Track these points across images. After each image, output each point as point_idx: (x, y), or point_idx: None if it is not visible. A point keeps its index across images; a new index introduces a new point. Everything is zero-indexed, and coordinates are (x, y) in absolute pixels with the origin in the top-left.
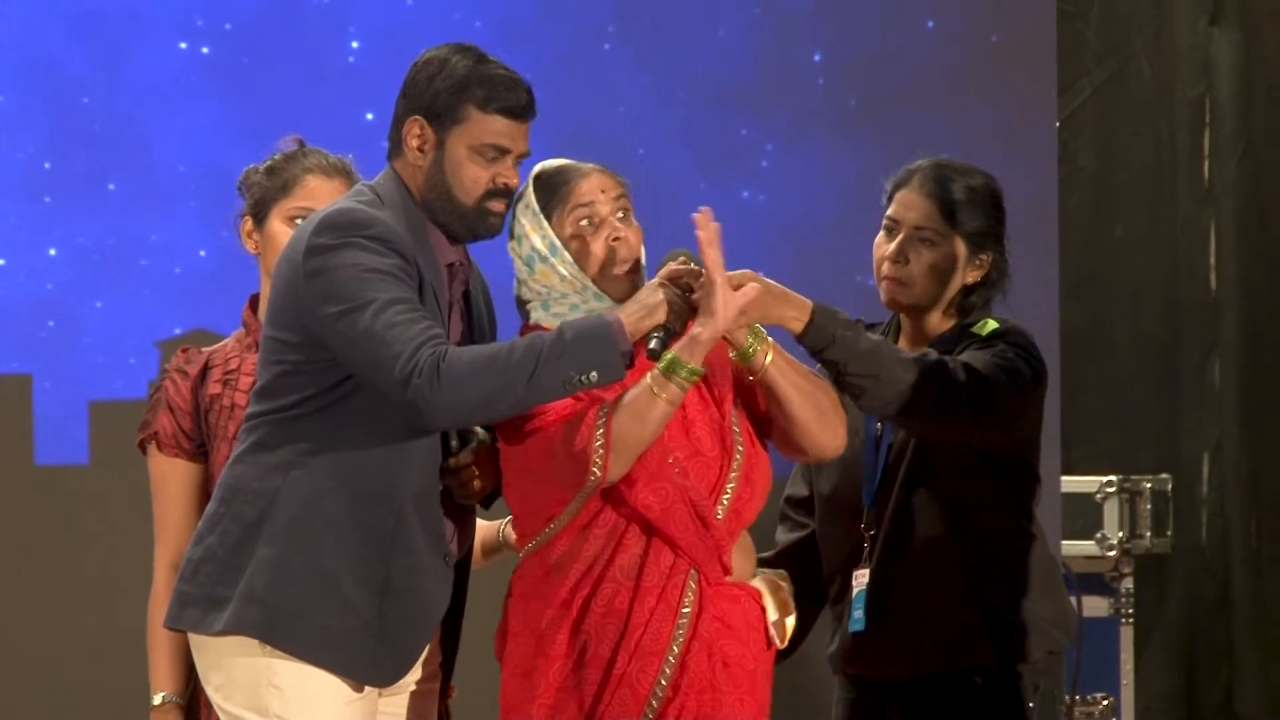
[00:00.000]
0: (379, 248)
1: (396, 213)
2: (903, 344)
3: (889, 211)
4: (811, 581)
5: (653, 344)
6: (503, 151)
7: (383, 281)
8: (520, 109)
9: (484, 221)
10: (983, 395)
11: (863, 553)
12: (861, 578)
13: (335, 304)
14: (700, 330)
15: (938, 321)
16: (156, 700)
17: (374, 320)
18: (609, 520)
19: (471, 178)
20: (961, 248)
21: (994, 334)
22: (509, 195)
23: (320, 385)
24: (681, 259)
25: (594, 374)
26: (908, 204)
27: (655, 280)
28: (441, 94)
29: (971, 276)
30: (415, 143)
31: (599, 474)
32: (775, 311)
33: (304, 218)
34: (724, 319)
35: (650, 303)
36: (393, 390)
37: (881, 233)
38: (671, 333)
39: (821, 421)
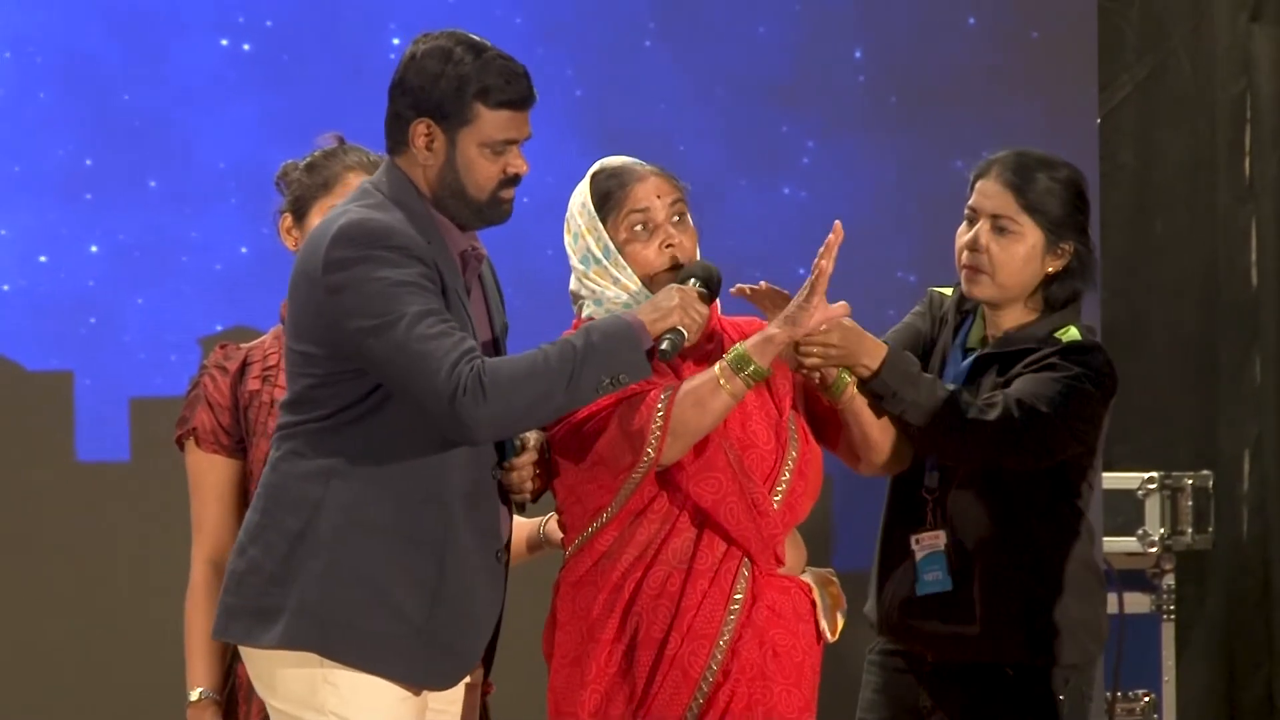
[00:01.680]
0: (399, 258)
1: (406, 210)
2: (986, 331)
3: (970, 201)
4: None
5: (665, 345)
6: (510, 142)
7: (408, 294)
8: (523, 100)
9: (497, 210)
10: (1031, 438)
11: (925, 517)
12: (932, 539)
13: (363, 320)
14: (777, 332)
15: (1020, 313)
16: (194, 696)
17: (406, 336)
18: (662, 507)
19: (484, 173)
20: (1041, 237)
21: (1072, 346)
22: (518, 182)
23: (353, 396)
24: (693, 282)
25: (623, 375)
26: (986, 193)
27: (673, 285)
28: (448, 95)
29: (1052, 266)
30: (423, 142)
31: (653, 454)
32: (855, 357)
33: None
34: (804, 329)
35: (667, 306)
36: (435, 406)
37: (963, 223)
38: (684, 336)
39: (891, 449)
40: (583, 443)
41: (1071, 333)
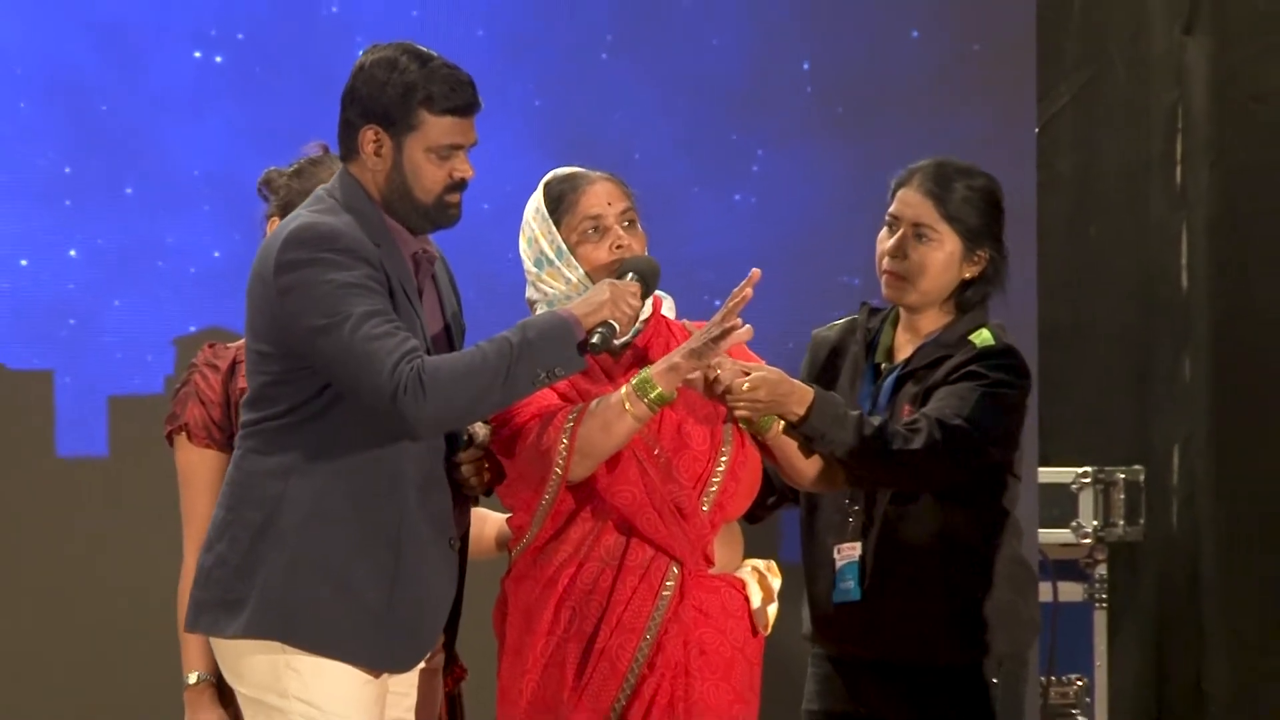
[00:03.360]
0: (347, 260)
1: (357, 215)
2: (901, 337)
3: (890, 209)
4: None
5: (595, 339)
6: (456, 147)
7: (355, 295)
8: (468, 106)
9: (444, 213)
10: (957, 458)
11: (848, 526)
12: (850, 550)
13: (312, 320)
14: (681, 362)
15: (935, 317)
16: (191, 679)
17: (352, 336)
18: (594, 508)
19: (430, 178)
20: (959, 245)
21: (987, 350)
22: (465, 187)
23: (307, 393)
24: (630, 276)
25: (558, 369)
26: (908, 201)
27: (607, 279)
28: (394, 102)
29: (969, 272)
30: (372, 149)
31: (560, 472)
32: (783, 406)
33: None
34: (708, 361)
35: (598, 300)
36: (379, 404)
37: (884, 229)
38: (614, 330)
39: (817, 475)
40: (507, 454)
41: (984, 335)
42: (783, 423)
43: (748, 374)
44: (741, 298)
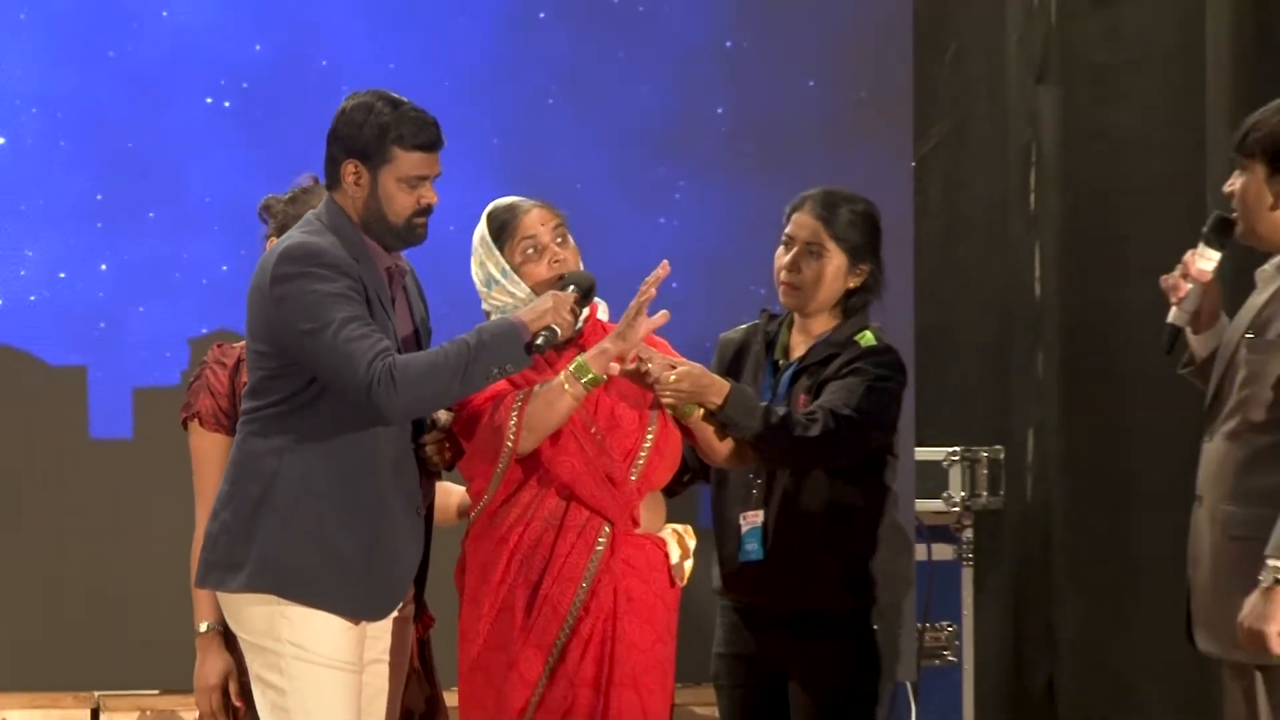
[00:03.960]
0: (330, 274)
1: (340, 235)
2: (796, 338)
3: (786, 230)
4: None
5: (539, 341)
6: (422, 178)
7: (337, 303)
8: (433, 143)
9: (413, 233)
10: (847, 442)
11: (752, 497)
12: (754, 517)
13: (301, 324)
14: (610, 346)
15: (825, 320)
16: (202, 628)
17: (334, 339)
18: (539, 478)
19: (401, 204)
20: (843, 260)
21: (870, 349)
22: (430, 212)
23: (297, 385)
24: (571, 288)
25: (509, 365)
26: (800, 223)
27: (550, 291)
28: (370, 140)
29: (853, 282)
30: (352, 179)
31: (511, 445)
32: (703, 396)
33: None
34: (630, 343)
35: (542, 309)
36: (356, 395)
37: (781, 247)
38: (556, 333)
39: (729, 454)
40: (467, 433)
41: (868, 337)
42: (702, 410)
43: (674, 368)
44: (655, 279)
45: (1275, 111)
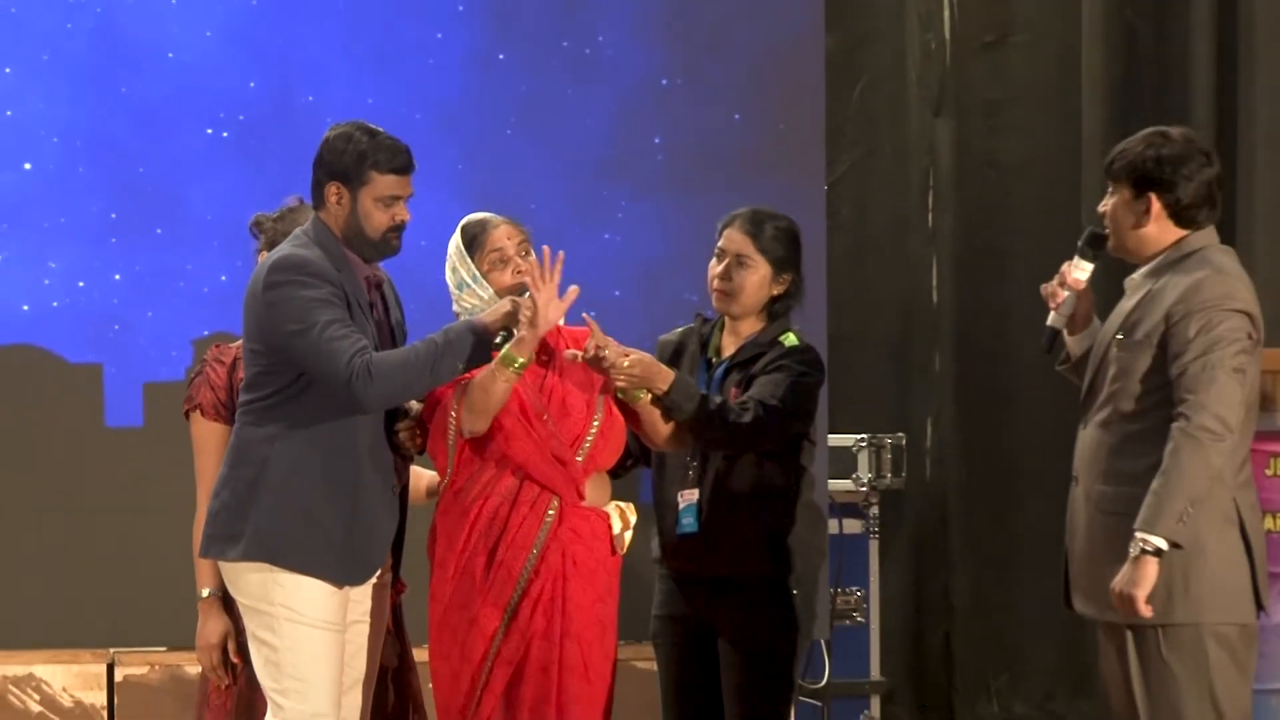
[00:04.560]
0: (315, 281)
1: (324, 248)
2: (727, 338)
3: (719, 243)
4: None
5: (498, 339)
6: (396, 198)
7: (321, 308)
8: (405, 166)
9: (388, 246)
10: (774, 429)
11: (688, 478)
12: (690, 495)
13: (289, 326)
14: (526, 334)
15: (752, 323)
16: (204, 594)
17: (319, 338)
18: (497, 460)
19: (377, 220)
20: (769, 270)
21: (793, 349)
22: (404, 228)
23: (286, 380)
24: (528, 294)
25: (473, 361)
26: (731, 238)
27: (510, 296)
28: (350, 165)
29: (777, 290)
30: (334, 199)
31: (454, 424)
32: (651, 381)
33: None
34: (542, 329)
35: (502, 311)
36: (338, 388)
37: (714, 259)
38: (512, 332)
39: (668, 437)
40: (429, 418)
41: (791, 337)
42: (650, 395)
43: (628, 355)
44: (541, 271)
45: (1138, 141)
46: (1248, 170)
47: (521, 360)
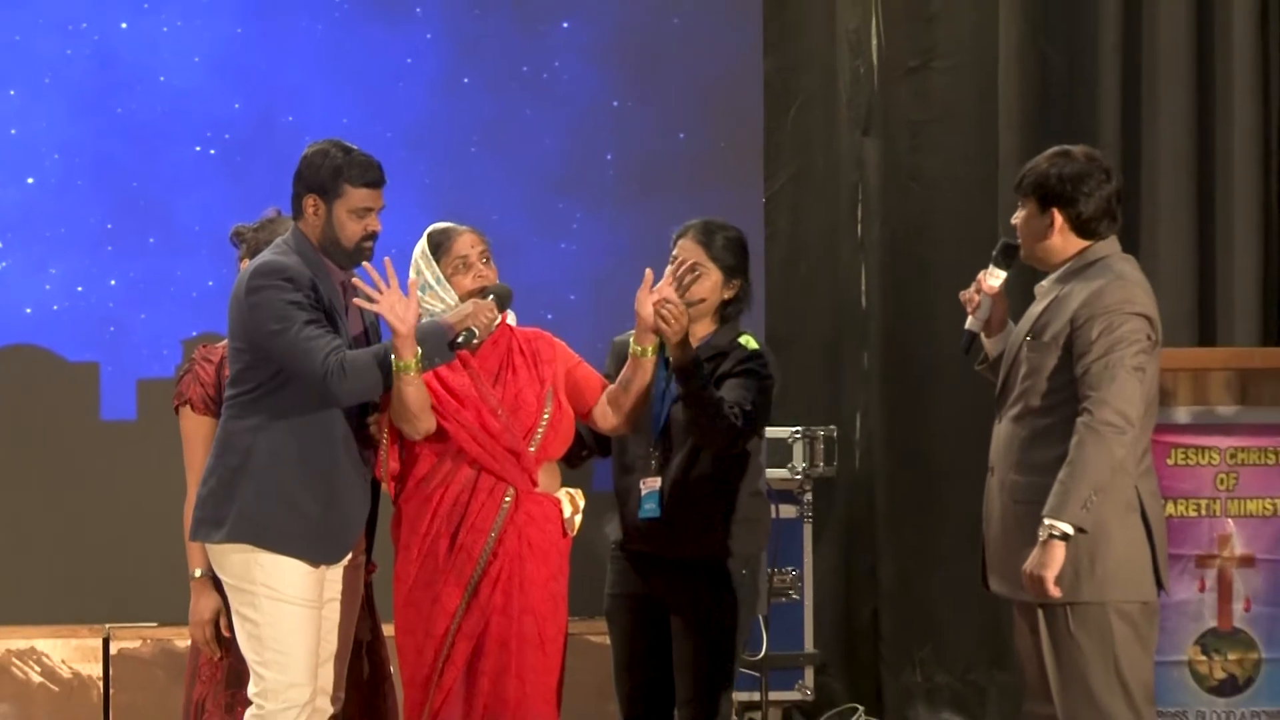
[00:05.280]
0: (291, 286)
1: (302, 256)
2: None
3: (674, 252)
4: None
5: (461, 339)
6: (369, 210)
7: (298, 310)
8: (377, 180)
9: (360, 254)
10: (747, 431)
11: (650, 466)
12: (653, 483)
13: (270, 326)
14: (403, 337)
15: (705, 325)
16: (196, 574)
17: (296, 338)
18: (456, 452)
19: (351, 231)
20: (720, 276)
21: (752, 354)
22: (375, 237)
23: (266, 375)
24: (491, 298)
25: (436, 359)
26: (685, 247)
27: (472, 299)
28: (326, 178)
29: (727, 294)
30: (311, 211)
31: (386, 429)
32: (676, 346)
33: None
34: (405, 328)
35: (464, 313)
36: (314, 384)
37: (669, 266)
38: (474, 334)
39: (622, 419)
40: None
41: (749, 340)
42: (652, 356)
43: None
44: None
45: (1043, 160)
46: (1150, 185)
47: (406, 361)
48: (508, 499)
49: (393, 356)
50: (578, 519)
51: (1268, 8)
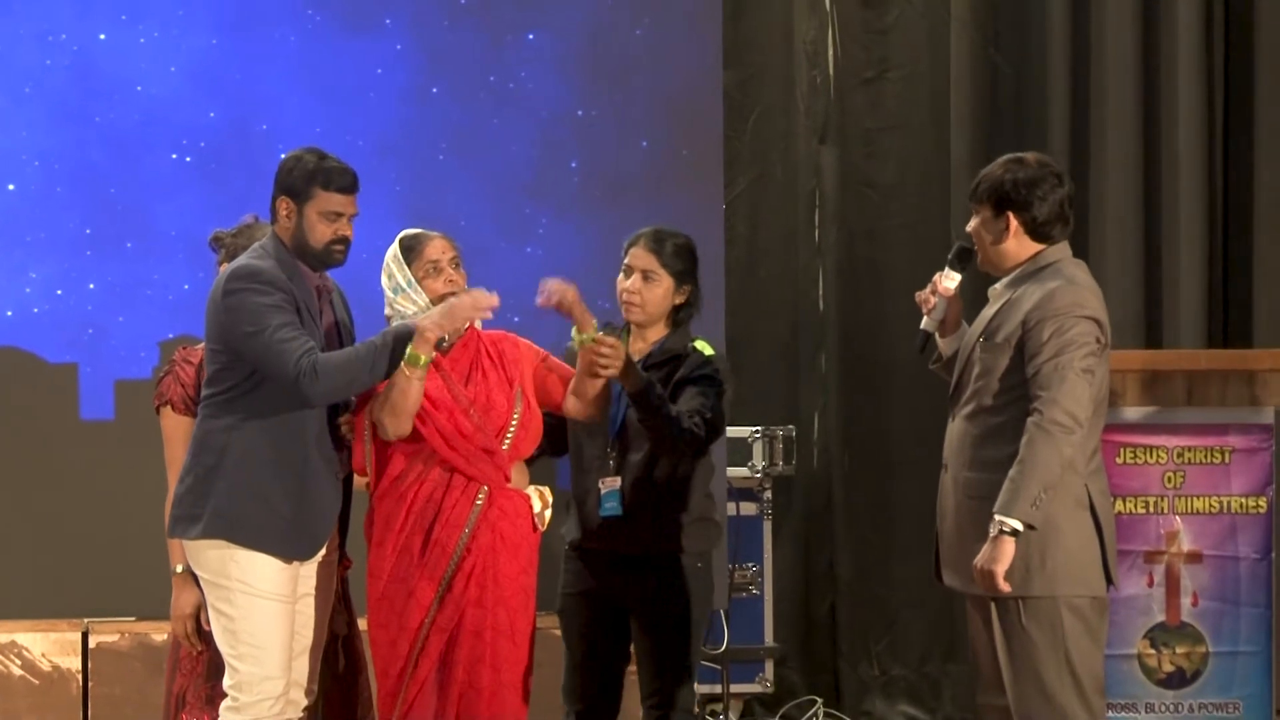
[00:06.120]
0: (268, 289)
1: (278, 259)
2: (635, 344)
3: (625, 259)
4: None
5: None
6: (339, 214)
7: (272, 312)
8: (349, 186)
9: (331, 258)
10: (706, 438)
11: (609, 466)
12: (612, 482)
13: (244, 328)
14: (428, 330)
15: (658, 330)
16: (177, 569)
17: (270, 340)
18: (430, 452)
19: (321, 234)
20: (671, 282)
21: (710, 359)
22: (347, 242)
23: (241, 376)
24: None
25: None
26: (637, 255)
27: (444, 303)
28: (299, 181)
29: (678, 299)
30: (284, 213)
31: (376, 425)
32: (625, 382)
33: None
34: (444, 327)
35: (437, 315)
36: (287, 385)
37: (621, 273)
38: (444, 336)
39: (583, 411)
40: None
41: (704, 345)
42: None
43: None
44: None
45: (998, 166)
46: (1099, 191)
47: (423, 357)
48: (481, 496)
49: (410, 347)
50: (548, 514)
51: (1212, 17)
